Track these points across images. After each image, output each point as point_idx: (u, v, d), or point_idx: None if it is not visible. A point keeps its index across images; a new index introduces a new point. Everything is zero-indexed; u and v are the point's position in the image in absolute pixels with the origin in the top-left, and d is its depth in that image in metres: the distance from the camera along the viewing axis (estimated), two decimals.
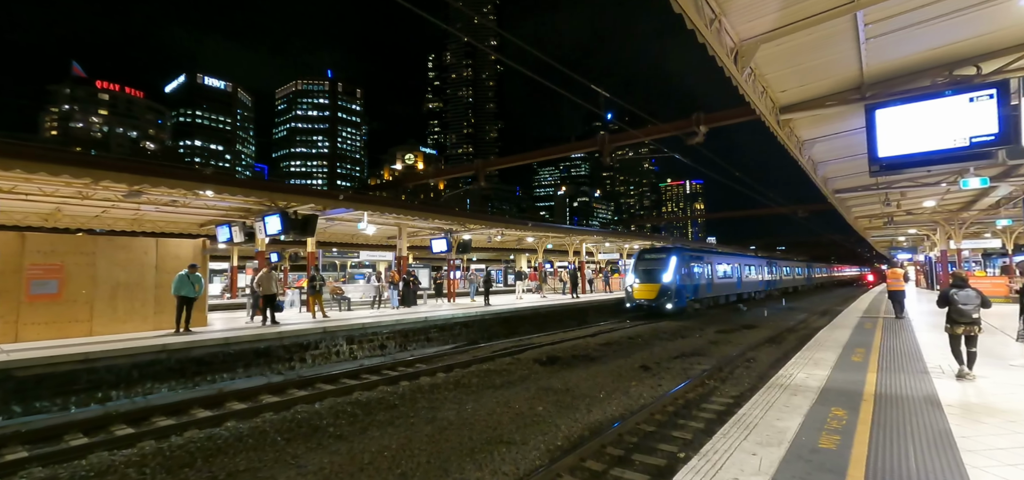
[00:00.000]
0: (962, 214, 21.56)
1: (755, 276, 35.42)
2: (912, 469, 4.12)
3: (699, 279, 25.09)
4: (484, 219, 25.98)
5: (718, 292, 28.09)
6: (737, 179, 23.65)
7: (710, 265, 27.06)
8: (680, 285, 22.61)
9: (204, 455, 6.67)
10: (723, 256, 31.62)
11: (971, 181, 9.67)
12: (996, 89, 5.54)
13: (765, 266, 38.44)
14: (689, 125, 9.95)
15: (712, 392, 10.00)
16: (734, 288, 30.83)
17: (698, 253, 26.41)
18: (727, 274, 29.88)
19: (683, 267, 23.22)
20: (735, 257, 33.39)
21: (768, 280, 38.74)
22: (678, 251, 23.71)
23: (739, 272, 31.88)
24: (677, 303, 22.37)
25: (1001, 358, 8.61)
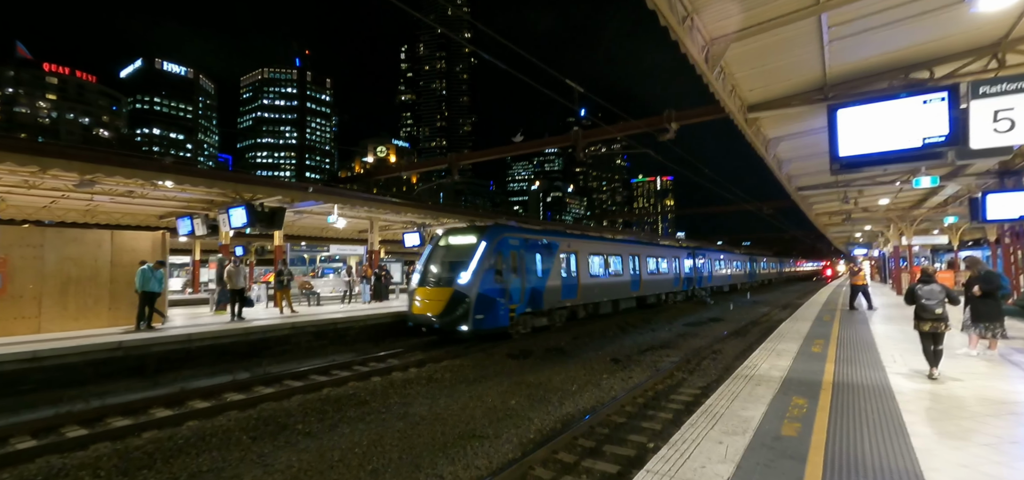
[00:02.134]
0: (913, 212, 22.76)
1: (665, 271, 26.87)
2: (866, 453, 4.33)
3: (544, 277, 15.91)
4: (457, 213, 25.49)
5: (589, 297, 18.86)
6: (707, 176, 24.07)
7: (571, 255, 17.88)
8: (491, 289, 13.34)
9: (164, 456, 6.40)
10: (598, 242, 21.34)
11: (923, 180, 10.20)
12: (947, 92, 5.85)
13: (684, 257, 30.30)
14: (661, 122, 10.13)
15: (681, 383, 10.25)
16: (625, 290, 22.01)
17: (544, 236, 17.04)
18: (608, 269, 20.76)
19: (501, 260, 13.80)
20: (625, 243, 23.58)
21: (689, 276, 30.83)
22: (495, 232, 14.23)
23: (633, 266, 22.92)
24: (484, 319, 13.06)
25: (948, 348, 9.13)
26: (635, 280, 22.95)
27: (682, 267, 29.54)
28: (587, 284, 18.67)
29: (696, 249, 33.78)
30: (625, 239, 25.96)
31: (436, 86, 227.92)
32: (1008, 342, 9.58)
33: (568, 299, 17.40)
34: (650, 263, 25.22)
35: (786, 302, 31.57)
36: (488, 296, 13.22)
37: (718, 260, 38.26)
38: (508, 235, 14.65)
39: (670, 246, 30.58)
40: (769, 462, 4.17)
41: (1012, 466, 4.02)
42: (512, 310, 14.07)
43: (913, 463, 4.09)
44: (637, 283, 23.07)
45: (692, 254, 31.99)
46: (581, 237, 19.73)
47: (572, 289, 17.61)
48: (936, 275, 7.43)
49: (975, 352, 8.50)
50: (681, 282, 28.92)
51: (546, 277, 15.97)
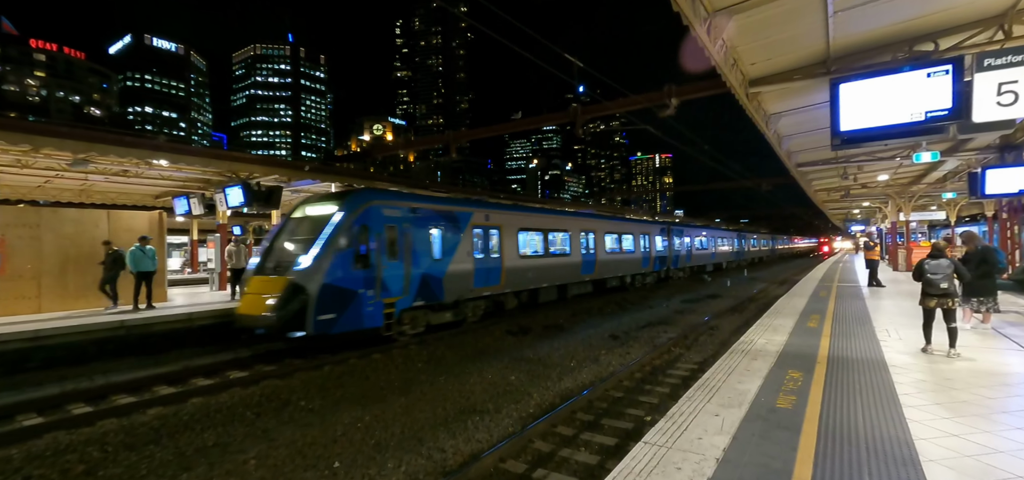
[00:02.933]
0: (912, 187, 22.75)
1: (629, 249, 23.14)
2: (860, 424, 4.42)
3: (444, 259, 12.47)
4: (456, 191, 25.28)
5: (518, 283, 15.30)
6: (706, 152, 23.87)
7: (492, 231, 14.29)
8: (347, 277, 10.01)
9: (169, 431, 6.49)
10: (533, 215, 17.17)
11: (923, 156, 10.17)
12: (952, 65, 5.79)
13: (655, 234, 26.38)
14: (661, 97, 10.03)
15: (678, 359, 10.38)
16: (572, 272, 18.28)
17: (446, 204, 13.24)
18: (549, 248, 17.06)
19: (366, 237, 10.53)
20: (573, 217, 19.52)
21: (662, 255, 26.82)
22: (359, 200, 10.87)
23: (585, 244, 19.28)
24: (335, 319, 9.81)
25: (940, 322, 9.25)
26: (588, 260, 19.19)
27: (652, 245, 25.69)
28: (516, 267, 15.05)
29: (672, 224, 29.46)
30: (574, 212, 21.34)
31: (432, 62, 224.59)
32: (1001, 316, 9.70)
33: (486, 286, 13.76)
34: (609, 241, 21.34)
35: (783, 278, 31.80)
36: (340, 287, 9.69)
37: (699, 236, 33.94)
38: (380, 204, 10.96)
39: (637, 220, 26.08)
40: (764, 433, 4.26)
41: (1002, 435, 4.11)
42: (389, 305, 10.75)
43: (905, 433, 4.18)
44: (591, 264, 19.37)
45: (666, 230, 27.80)
46: (507, 208, 15.99)
47: (492, 274, 14.03)
48: (947, 249, 7.08)
49: (969, 326, 8.61)
50: (652, 262, 25.36)
51: (449, 259, 12.43)
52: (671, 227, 28.76)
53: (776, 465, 3.64)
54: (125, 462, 5.71)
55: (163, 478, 5.33)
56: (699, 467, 3.63)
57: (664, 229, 27.69)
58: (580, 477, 5.27)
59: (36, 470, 5.46)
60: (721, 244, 39.14)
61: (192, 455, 5.93)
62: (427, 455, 5.87)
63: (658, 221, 28.93)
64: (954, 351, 6.78)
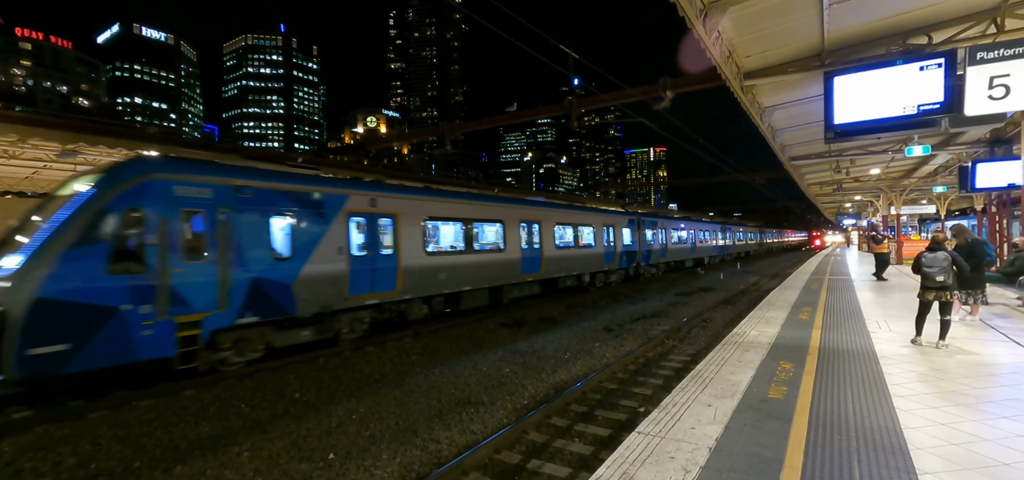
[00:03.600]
0: (903, 181, 22.97)
1: (589, 244, 19.68)
2: (850, 413, 4.47)
3: (298, 258, 9.42)
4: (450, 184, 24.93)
5: (424, 287, 12.06)
6: (700, 145, 23.69)
7: (380, 221, 11.06)
8: (87, 288, 6.72)
9: (163, 424, 6.46)
10: (445, 201, 13.29)
11: (915, 149, 10.26)
12: (944, 59, 5.83)
13: (622, 226, 22.71)
14: (656, 90, 10.03)
15: (671, 351, 10.45)
16: (510, 271, 15.08)
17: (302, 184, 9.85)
18: (471, 243, 13.83)
19: (133, 228, 7.35)
20: (509, 204, 15.79)
21: (630, 249, 23.20)
22: (129, 172, 7.63)
23: (527, 238, 15.87)
24: (66, 353, 6.47)
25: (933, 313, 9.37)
26: (530, 258, 15.70)
27: (618, 238, 22.03)
28: (421, 267, 11.69)
29: (643, 215, 25.67)
30: (510, 198, 16.85)
31: (426, 54, 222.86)
32: (988, 308, 9.85)
33: (371, 292, 10.50)
34: (560, 233, 17.77)
35: (775, 271, 32.06)
36: (76, 302, 6.56)
37: (677, 229, 30.38)
38: (170, 178, 7.78)
39: (599, 210, 21.76)
40: (756, 423, 4.30)
41: (988, 424, 4.18)
42: (189, 325, 7.69)
43: (894, 422, 4.24)
44: (534, 262, 15.89)
45: (635, 221, 24.14)
46: (407, 191, 12.14)
47: (381, 276, 10.70)
48: (945, 242, 7.04)
49: (957, 317, 8.72)
50: (617, 258, 21.93)
51: (304, 258, 9.25)
52: (641, 218, 24.96)
53: (768, 454, 3.69)
54: (118, 455, 5.68)
55: (157, 470, 5.31)
56: (692, 456, 3.66)
57: (633, 220, 23.98)
58: (574, 468, 5.31)
59: (27, 463, 5.42)
60: (703, 237, 35.59)
61: (186, 447, 5.91)
62: (422, 446, 5.89)
63: (626, 211, 24.58)
64: (943, 343, 6.87)
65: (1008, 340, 7.30)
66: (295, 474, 5.22)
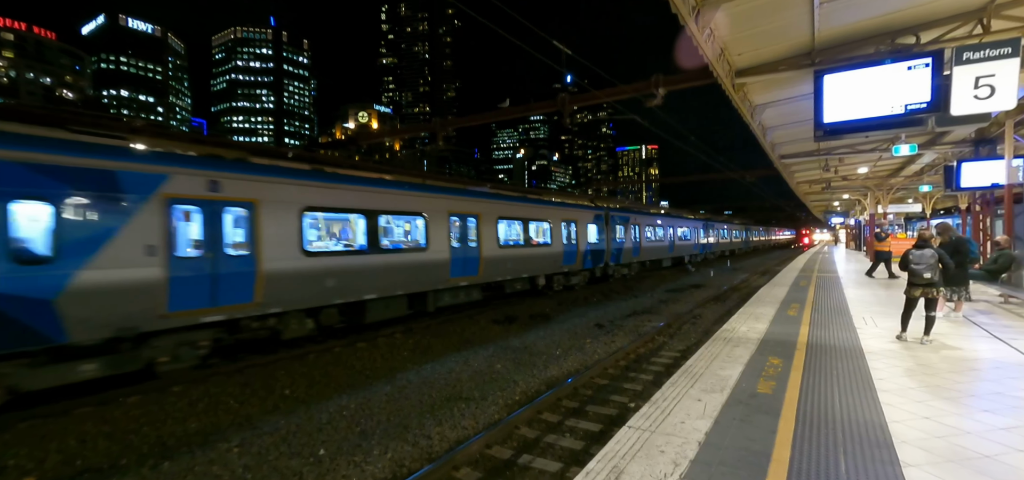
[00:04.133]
0: (890, 180, 23.29)
1: (542, 241, 17.07)
2: (837, 408, 4.54)
3: None
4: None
5: (243, 302, 8.44)
6: (692, 142, 23.79)
7: (114, 208, 7.06)
8: None
9: (150, 420, 6.38)
10: (289, 181, 9.42)
11: (902, 148, 10.41)
12: (932, 58, 5.91)
13: (588, 221, 20.22)
14: (648, 87, 10.06)
15: (662, 347, 10.53)
16: (426, 276, 12.32)
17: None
18: (343, 240, 10.80)
19: None
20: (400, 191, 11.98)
21: (595, 248, 20.59)
22: None
23: (460, 234, 13.41)
24: None
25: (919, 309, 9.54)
26: (465, 258, 13.15)
27: (582, 235, 19.20)
28: (293, 272, 9.14)
29: (612, 210, 22.99)
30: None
31: (418, 49, 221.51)
32: (972, 304, 10.03)
33: (211, 307, 8.00)
34: (506, 230, 15.34)
35: (764, 269, 32.39)
36: None
37: (652, 225, 27.46)
38: None
39: (557, 203, 18.73)
40: (745, 417, 4.34)
41: (971, 417, 4.27)
42: None
43: (879, 416, 4.31)
44: (469, 263, 13.31)
45: (603, 216, 21.44)
46: (272, 172, 9.22)
47: (226, 284, 8.19)
48: (932, 240, 7.15)
49: (941, 314, 8.87)
50: (580, 257, 19.03)
51: (79, 262, 6.65)
52: (610, 213, 22.26)
53: (756, 447, 3.73)
54: (105, 451, 5.61)
55: (144, 467, 5.25)
56: (682, 450, 3.69)
57: (600, 216, 21.25)
58: (565, 462, 5.33)
59: (11, 460, 5.33)
60: (683, 235, 33.04)
61: (173, 444, 5.85)
62: (413, 441, 5.88)
63: (592, 205, 22.00)
64: (928, 338, 6.99)
65: (990, 336, 7.44)
66: (285, 470, 5.19)
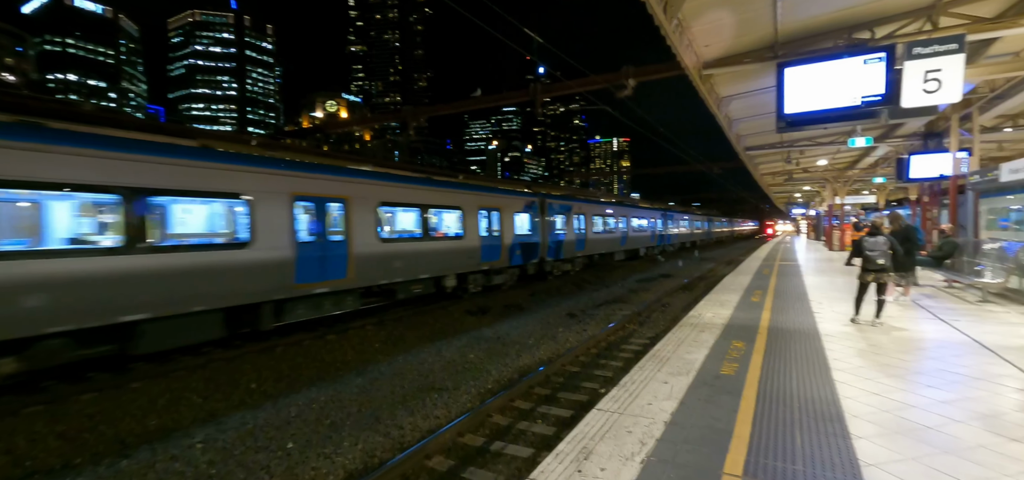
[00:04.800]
0: (848, 172, 24.40)
1: (447, 231, 14.16)
2: (794, 387, 4.75)
3: None
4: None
5: None
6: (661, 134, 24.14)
7: None
8: None
9: (107, 418, 6.11)
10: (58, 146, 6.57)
11: (858, 141, 10.88)
12: (885, 53, 6.20)
13: (515, 211, 17.21)
14: (619, 78, 10.17)
15: (632, 334, 10.75)
16: (215, 287, 8.28)
17: None
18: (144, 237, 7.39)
19: None
20: (226, 166, 8.73)
21: (524, 240, 17.45)
22: None
23: (241, 227, 8.88)
24: None
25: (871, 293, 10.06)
26: (324, 256, 10.28)
27: (507, 226, 16.34)
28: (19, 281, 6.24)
29: (550, 197, 19.88)
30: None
31: (389, 37, 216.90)
32: (919, 289, 10.64)
33: None
34: (394, 219, 12.78)
35: (730, 259, 33.43)
36: None
37: (601, 215, 24.45)
38: None
39: (473, 187, 15.63)
40: (709, 397, 4.50)
41: (915, 392, 4.55)
42: None
43: (833, 393, 4.54)
44: (335, 262, 10.37)
45: (535, 205, 18.26)
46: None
47: None
48: (883, 227, 7.56)
49: (891, 298, 9.38)
50: (505, 252, 16.16)
51: None
52: (547, 201, 19.14)
53: (719, 425, 3.87)
54: (57, 451, 5.34)
55: (100, 465, 5.03)
56: (649, 429, 3.80)
57: (533, 204, 18.12)
58: (537, 448, 5.39)
59: None
60: (638, 226, 29.80)
61: (133, 442, 5.62)
62: (384, 432, 5.83)
63: (523, 192, 18.87)
64: (879, 321, 7.40)
65: (935, 318, 7.92)
66: (251, 464, 5.07)
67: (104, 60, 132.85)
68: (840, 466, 3.22)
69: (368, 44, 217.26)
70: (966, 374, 5.06)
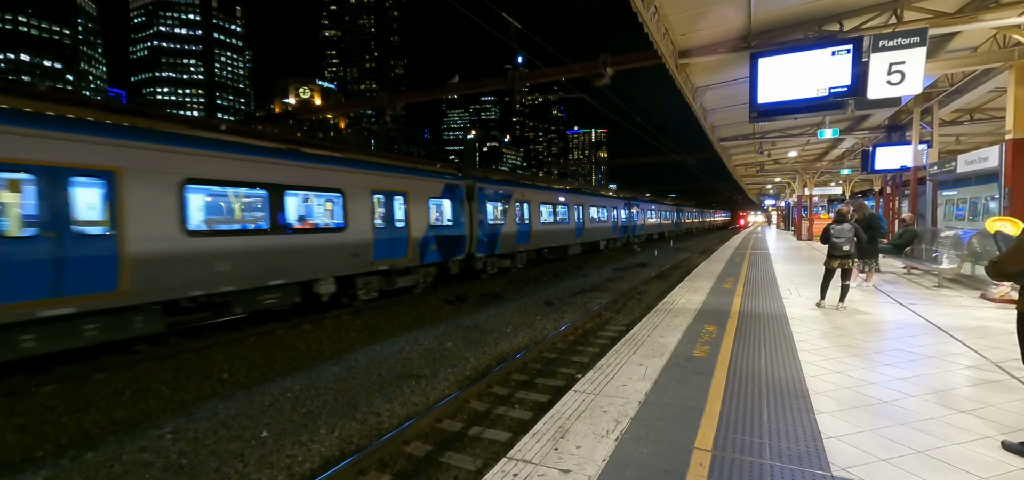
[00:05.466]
0: (816, 164, 25.16)
1: (247, 225, 9.47)
2: (763, 367, 4.92)
3: None
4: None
5: None
6: (639, 125, 24.46)
7: None
8: None
9: (69, 409, 5.89)
10: None
11: (826, 132, 11.25)
12: (853, 45, 6.41)
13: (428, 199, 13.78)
14: (596, 67, 10.23)
15: (608, 322, 10.92)
16: None
17: None
18: None
19: None
20: None
21: (442, 231, 14.29)
22: None
23: None
24: None
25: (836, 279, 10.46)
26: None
27: (416, 215, 13.16)
28: None
29: (482, 181, 17.15)
30: None
31: (364, 22, 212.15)
32: (881, 275, 11.11)
33: None
34: (222, 203, 9.56)
35: (704, 248, 34.19)
36: None
37: (550, 203, 21.50)
38: None
39: (362, 163, 12.46)
40: (682, 378, 4.63)
41: (874, 370, 4.77)
42: None
43: (799, 372, 4.73)
44: (96, 268, 6.97)
45: (460, 189, 15.33)
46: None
47: None
48: (849, 215, 7.90)
49: (855, 284, 9.77)
50: (413, 247, 12.97)
51: None
52: (478, 186, 16.31)
53: (691, 404, 3.99)
54: (16, 445, 5.13)
55: (64, 458, 4.85)
56: (623, 409, 3.89)
57: (457, 188, 15.17)
58: (515, 432, 5.45)
59: None
60: (596, 216, 26.64)
61: (98, 434, 5.44)
62: (362, 419, 5.80)
63: (441, 172, 15.99)
64: (842, 305, 7.72)
65: (895, 302, 8.30)
66: (224, 453, 4.97)
67: (60, 40, 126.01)
68: (804, 438, 3.36)
69: (342, 29, 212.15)
70: (921, 353, 5.33)
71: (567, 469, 3.03)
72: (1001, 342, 5.66)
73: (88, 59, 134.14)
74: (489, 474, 3.02)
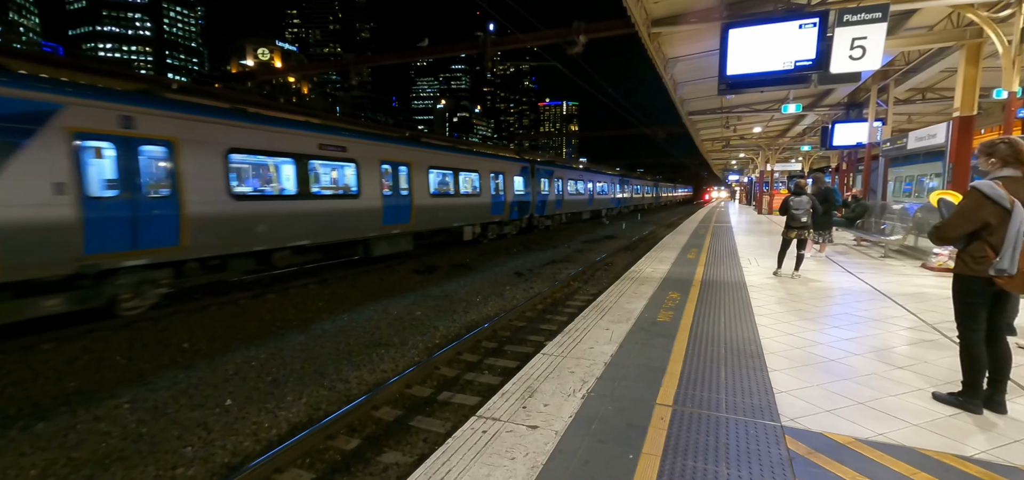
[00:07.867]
0: (779, 140, 25.95)
1: None
2: (722, 330, 5.15)
3: None
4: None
5: None
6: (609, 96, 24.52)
7: None
8: None
9: (16, 382, 5.59)
10: None
11: (789, 107, 11.57)
12: (819, 18, 6.56)
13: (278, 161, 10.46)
14: (570, 33, 10.12)
15: (577, 291, 11.12)
16: None
17: None
18: None
19: None
20: None
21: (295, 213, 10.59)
22: None
23: None
24: None
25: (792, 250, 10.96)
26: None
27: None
28: None
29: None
30: None
31: None
32: (833, 247, 11.71)
33: None
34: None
35: (670, 221, 35.05)
36: None
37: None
38: None
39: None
40: (646, 341, 4.79)
41: (823, 332, 5.08)
42: None
43: (755, 334, 4.97)
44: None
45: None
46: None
47: None
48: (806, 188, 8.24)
49: (809, 254, 10.27)
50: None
51: None
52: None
53: (654, 364, 4.15)
54: None
55: (12, 429, 4.63)
56: (590, 369, 4.01)
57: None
58: (484, 397, 5.53)
59: None
60: (516, 188, 19.95)
61: (49, 404, 5.21)
62: (330, 386, 5.76)
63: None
64: (797, 274, 8.13)
65: (845, 271, 8.78)
66: (186, 422, 4.86)
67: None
68: (757, 393, 3.56)
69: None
70: (865, 316, 5.69)
71: (535, 425, 3.11)
72: (937, 306, 6.10)
73: (18, 8, 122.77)
74: (459, 431, 3.08)
